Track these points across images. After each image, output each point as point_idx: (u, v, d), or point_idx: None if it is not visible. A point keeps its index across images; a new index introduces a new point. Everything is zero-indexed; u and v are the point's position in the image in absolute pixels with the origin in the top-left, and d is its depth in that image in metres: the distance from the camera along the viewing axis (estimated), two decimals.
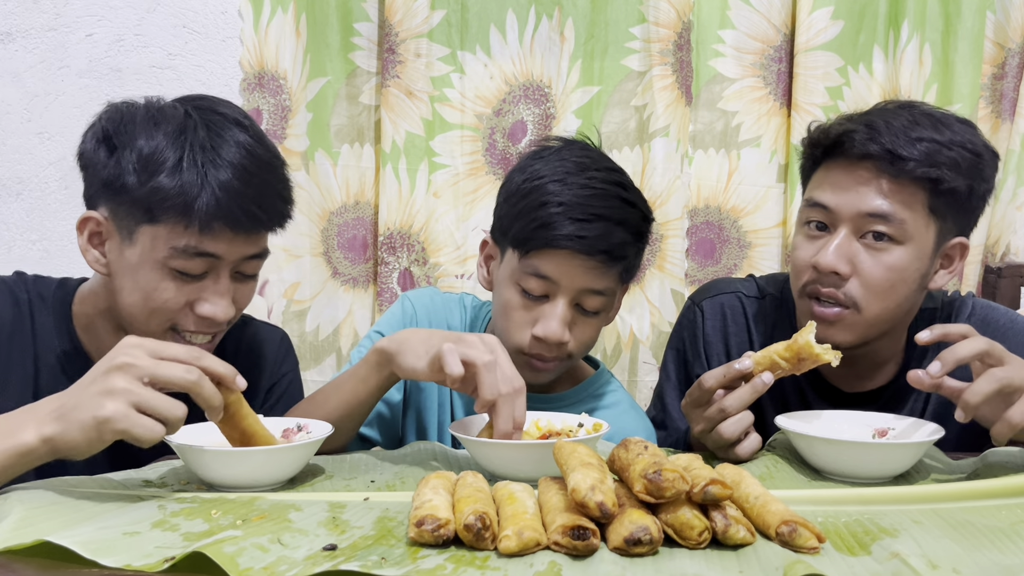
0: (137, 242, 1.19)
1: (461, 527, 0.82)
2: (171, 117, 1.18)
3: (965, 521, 0.92)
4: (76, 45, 2.13)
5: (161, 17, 2.15)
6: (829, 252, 1.29)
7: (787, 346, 1.14)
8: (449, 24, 2.10)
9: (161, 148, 1.15)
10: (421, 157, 2.12)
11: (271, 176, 1.22)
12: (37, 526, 0.87)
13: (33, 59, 2.12)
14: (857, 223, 1.29)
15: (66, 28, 2.13)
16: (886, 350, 1.39)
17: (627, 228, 1.29)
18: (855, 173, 1.29)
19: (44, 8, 2.12)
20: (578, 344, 1.33)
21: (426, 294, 1.52)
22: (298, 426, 1.14)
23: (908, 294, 1.32)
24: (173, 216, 1.15)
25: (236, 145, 1.18)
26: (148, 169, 1.15)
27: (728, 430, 1.14)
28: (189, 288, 1.20)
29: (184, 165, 1.14)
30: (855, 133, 1.29)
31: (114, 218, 1.20)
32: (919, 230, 1.29)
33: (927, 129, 1.28)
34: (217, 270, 1.20)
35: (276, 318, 2.17)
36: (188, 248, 1.17)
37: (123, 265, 1.21)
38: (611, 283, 1.31)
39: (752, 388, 1.14)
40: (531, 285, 1.29)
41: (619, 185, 1.32)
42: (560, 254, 1.27)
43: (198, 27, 2.15)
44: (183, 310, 1.21)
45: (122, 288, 1.22)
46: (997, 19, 2.08)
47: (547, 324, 1.28)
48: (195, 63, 2.16)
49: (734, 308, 1.49)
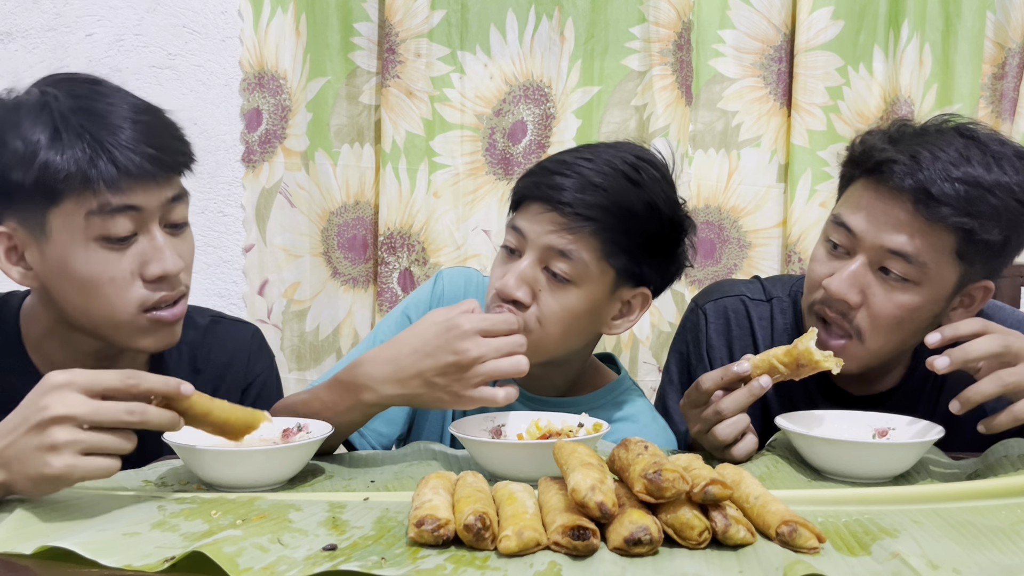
0: (51, 231, 1.12)
1: (461, 527, 0.82)
2: (26, 101, 1.15)
3: (965, 521, 0.92)
4: (76, 45, 2.13)
5: (161, 17, 2.15)
6: (842, 279, 1.25)
7: (787, 351, 1.13)
8: (449, 24, 2.10)
9: (30, 130, 1.11)
10: (421, 157, 2.12)
11: (151, 117, 1.18)
12: (36, 526, 0.87)
13: (33, 59, 2.12)
14: (877, 254, 1.24)
15: (66, 28, 2.13)
16: (893, 355, 1.39)
17: (608, 196, 1.21)
18: (887, 202, 1.22)
19: (44, 8, 2.13)
20: (547, 315, 1.23)
21: (461, 277, 1.46)
22: (298, 426, 1.13)
23: (916, 331, 1.27)
24: (74, 186, 1.10)
25: (103, 98, 1.15)
26: (28, 155, 1.10)
27: (723, 432, 1.14)
28: (126, 257, 1.14)
29: (64, 136, 1.11)
30: (896, 164, 1.21)
31: (21, 224, 1.14)
32: (940, 274, 1.23)
33: (975, 166, 1.19)
34: (146, 226, 1.15)
35: (276, 318, 2.17)
36: (104, 207, 1.11)
37: (51, 266, 1.14)
38: (580, 249, 1.21)
39: (749, 391, 1.13)
40: (508, 239, 1.27)
41: (632, 167, 1.24)
42: (532, 207, 1.24)
43: (198, 27, 2.16)
44: (134, 284, 1.15)
45: (64, 293, 1.16)
46: (997, 19, 2.08)
47: (506, 278, 1.23)
48: (195, 63, 2.16)
49: (738, 311, 1.48)
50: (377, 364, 1.14)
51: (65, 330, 1.21)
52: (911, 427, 1.18)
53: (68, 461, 0.89)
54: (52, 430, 0.89)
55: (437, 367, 1.10)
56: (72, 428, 0.89)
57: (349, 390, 1.15)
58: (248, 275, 2.18)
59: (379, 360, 1.14)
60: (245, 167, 2.17)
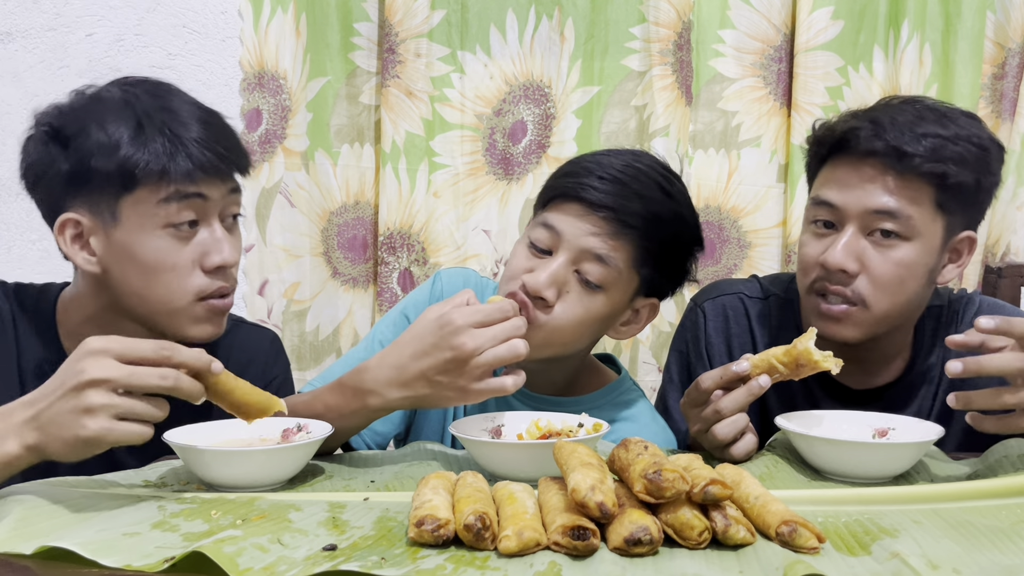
0: (122, 217, 1.18)
1: (461, 527, 0.82)
2: (108, 96, 1.22)
3: (965, 521, 0.92)
4: (76, 45, 2.13)
5: (161, 17, 2.15)
6: (837, 250, 1.29)
7: (786, 351, 1.14)
8: (449, 24, 2.10)
9: (114, 122, 1.17)
10: (421, 157, 2.12)
11: (216, 119, 1.26)
12: (36, 526, 0.87)
13: (33, 59, 2.12)
14: (864, 220, 1.29)
15: (66, 28, 2.13)
16: (893, 346, 1.39)
17: (648, 205, 1.24)
18: (861, 170, 1.29)
19: (44, 8, 2.13)
20: (566, 316, 1.24)
21: (460, 277, 1.47)
22: (298, 426, 1.13)
23: (917, 289, 1.32)
24: (152, 177, 1.17)
25: (181, 100, 1.23)
26: (110, 146, 1.16)
27: (722, 431, 1.14)
28: (189, 247, 1.20)
29: (146, 129, 1.17)
30: (860, 130, 1.29)
31: (91, 210, 1.19)
32: (926, 225, 1.29)
33: (932, 124, 1.28)
34: (207, 217, 1.22)
35: (276, 318, 2.17)
36: (176, 194, 1.17)
37: (117, 250, 1.20)
38: (616, 256, 1.23)
39: (748, 391, 1.14)
40: (538, 235, 1.26)
41: (664, 177, 1.27)
42: (570, 207, 1.24)
43: (198, 27, 2.16)
44: (194, 272, 1.21)
45: (126, 278, 1.21)
46: (997, 19, 2.08)
47: (536, 274, 1.23)
48: (195, 63, 2.16)
49: (736, 309, 1.49)
50: (382, 369, 1.14)
51: (112, 317, 1.25)
52: (911, 427, 1.18)
53: (103, 424, 0.91)
54: (88, 393, 0.91)
55: (437, 365, 1.10)
56: (107, 392, 0.92)
57: (355, 395, 1.15)
58: (248, 275, 2.18)
59: (383, 365, 1.14)
60: None
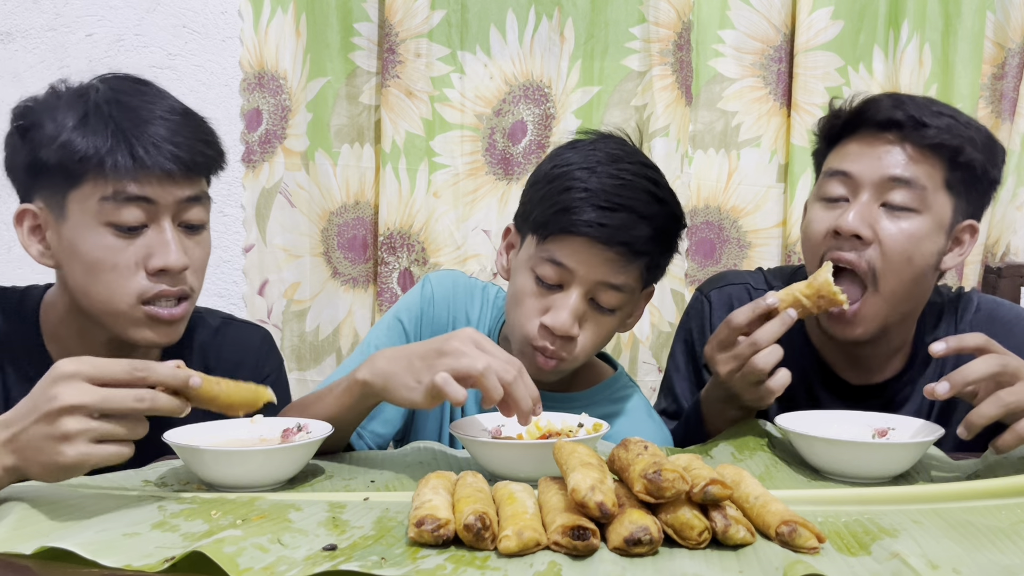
0: (69, 213, 1.16)
1: (461, 527, 0.82)
2: (72, 89, 1.21)
3: (965, 521, 0.92)
4: (76, 45, 2.13)
5: (161, 17, 2.15)
6: (851, 215, 1.30)
7: (808, 283, 1.19)
8: (449, 24, 2.10)
9: (64, 113, 1.16)
10: (421, 157, 2.12)
11: (182, 118, 1.21)
12: (37, 526, 0.87)
13: (33, 59, 2.12)
14: (880, 188, 1.30)
15: (66, 28, 2.13)
16: (894, 341, 1.40)
17: (652, 224, 1.24)
18: (878, 140, 1.32)
19: (44, 8, 2.12)
20: (588, 343, 1.27)
21: (448, 279, 1.47)
22: (298, 426, 1.13)
23: (924, 269, 1.32)
24: (94, 170, 1.14)
25: (141, 96, 1.20)
26: (54, 135, 1.14)
27: (762, 360, 1.16)
28: (133, 246, 1.16)
29: (91, 120, 1.15)
30: (880, 102, 1.33)
31: (46, 203, 1.18)
32: (937, 202, 1.31)
33: (946, 108, 1.34)
34: (157, 219, 1.17)
35: (276, 318, 2.17)
36: (117, 194, 1.14)
37: (65, 245, 1.18)
38: (630, 280, 1.26)
39: (781, 321, 1.18)
40: (546, 272, 1.25)
41: (650, 180, 1.28)
42: (578, 242, 1.23)
43: (198, 27, 2.16)
44: (137, 274, 1.17)
45: (72, 274, 1.19)
46: (997, 19, 2.08)
47: (557, 314, 1.23)
48: (195, 63, 2.16)
49: (742, 299, 1.49)
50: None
51: (79, 318, 1.24)
52: (911, 427, 1.19)
53: (81, 450, 0.90)
54: (63, 420, 0.89)
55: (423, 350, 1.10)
56: (82, 417, 0.90)
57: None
58: (248, 275, 2.18)
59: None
60: (245, 167, 2.17)
